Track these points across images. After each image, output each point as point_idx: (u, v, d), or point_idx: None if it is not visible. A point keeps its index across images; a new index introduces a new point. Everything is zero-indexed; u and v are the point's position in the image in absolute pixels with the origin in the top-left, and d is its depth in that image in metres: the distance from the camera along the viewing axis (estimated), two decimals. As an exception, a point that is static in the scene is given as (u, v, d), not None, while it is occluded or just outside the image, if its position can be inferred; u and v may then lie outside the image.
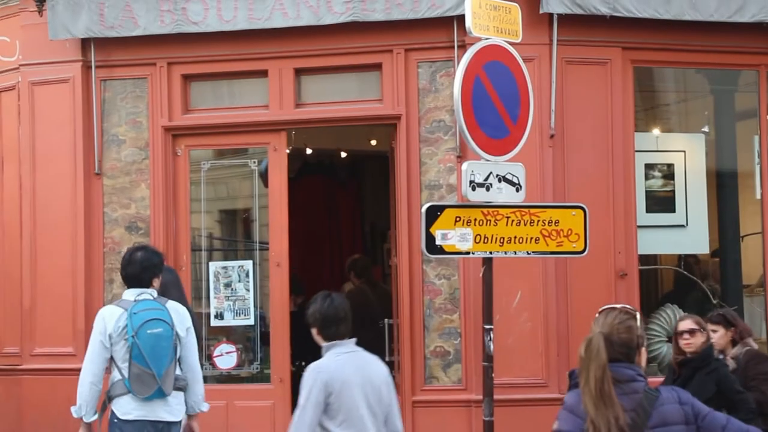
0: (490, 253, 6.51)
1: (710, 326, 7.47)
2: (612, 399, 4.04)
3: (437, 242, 6.36)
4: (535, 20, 8.34)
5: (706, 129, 9.84)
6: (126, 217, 9.04)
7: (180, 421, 6.80)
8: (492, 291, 6.59)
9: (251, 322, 9.02)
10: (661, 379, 8.87)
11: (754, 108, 9.33)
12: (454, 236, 6.40)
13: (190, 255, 9.03)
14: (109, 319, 6.58)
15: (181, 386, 6.77)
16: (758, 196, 9.28)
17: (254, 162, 9.33)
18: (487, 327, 6.51)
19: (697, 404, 4.24)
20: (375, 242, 13.55)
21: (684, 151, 9.38)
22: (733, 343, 7.56)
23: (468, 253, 6.49)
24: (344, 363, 5.54)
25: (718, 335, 7.50)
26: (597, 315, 4.31)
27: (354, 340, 5.77)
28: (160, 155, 8.99)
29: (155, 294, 6.73)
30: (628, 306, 4.27)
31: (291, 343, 9.00)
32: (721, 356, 7.40)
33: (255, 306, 9.03)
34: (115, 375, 6.62)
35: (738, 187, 9.73)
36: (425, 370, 8.57)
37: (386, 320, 9.75)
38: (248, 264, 9.14)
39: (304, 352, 11.78)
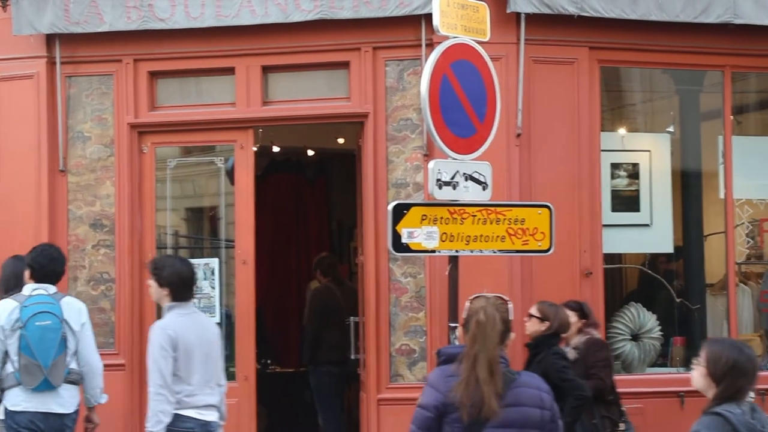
0: (456, 251, 6.52)
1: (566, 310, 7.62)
2: (499, 372, 4.50)
3: (403, 240, 6.36)
4: (503, 19, 8.37)
5: (671, 129, 9.90)
6: (91, 215, 8.99)
7: (72, 414, 7.05)
8: (458, 289, 6.60)
9: (216, 319, 8.97)
10: (624, 377, 8.96)
11: (718, 108, 9.40)
12: (420, 234, 6.40)
13: (155, 252, 8.97)
14: (3, 312, 6.94)
15: (73, 379, 7.06)
16: (722, 196, 9.36)
17: (221, 160, 9.29)
18: (453, 325, 6.52)
19: (556, 406, 4.72)
20: (342, 240, 13.55)
21: (649, 151, 9.45)
22: (579, 332, 7.68)
23: (434, 251, 6.50)
24: (186, 322, 6.47)
25: (570, 321, 7.61)
26: (471, 301, 4.81)
27: (194, 302, 6.77)
28: (126, 152, 8.94)
29: (53, 290, 7.10)
30: (501, 294, 4.77)
31: (256, 342, 8.98)
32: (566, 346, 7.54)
33: (221, 304, 9.00)
34: (8, 367, 6.89)
35: (702, 186, 9.81)
36: (391, 368, 8.58)
37: (352, 318, 9.77)
38: (214, 262, 9.11)
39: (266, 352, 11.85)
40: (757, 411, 4.72)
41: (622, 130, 9.88)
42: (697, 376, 4.73)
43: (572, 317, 7.61)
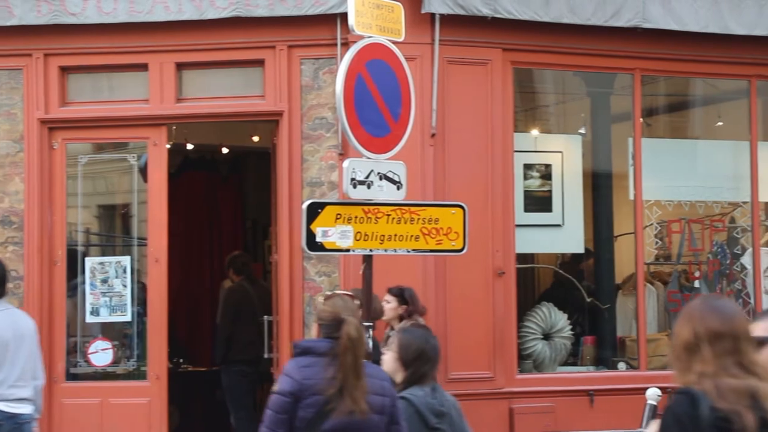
0: (371, 250, 6.54)
1: (387, 296, 7.80)
2: (364, 372, 4.98)
3: (318, 239, 6.35)
4: (418, 20, 8.40)
5: (582, 130, 10.03)
6: (-1, 211, 8.84)
7: None
8: (372, 288, 6.62)
9: (128, 318, 8.90)
10: (536, 376, 9.07)
11: (628, 111, 9.55)
12: (334, 233, 6.40)
13: (65, 250, 8.86)
14: None
15: None
16: (631, 197, 9.50)
17: (134, 157, 9.19)
18: (367, 324, 6.53)
19: (395, 392, 5.22)
20: (256, 239, 13.50)
21: (561, 152, 9.56)
22: (401, 318, 7.79)
23: (348, 250, 6.51)
24: (3, 319, 6.84)
25: (390, 306, 7.80)
26: (326, 299, 5.26)
27: (6, 298, 7.11)
28: (36, 148, 8.80)
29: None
30: (349, 292, 5.20)
31: (168, 340, 8.92)
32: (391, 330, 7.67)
33: (132, 302, 8.91)
34: None
35: (612, 188, 9.95)
36: (304, 367, 8.55)
37: (266, 317, 9.74)
38: (126, 260, 9.01)
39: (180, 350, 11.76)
40: (437, 391, 5.50)
41: (534, 131, 10.00)
42: (389, 360, 5.51)
43: (392, 303, 7.75)
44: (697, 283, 9.88)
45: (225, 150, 12.87)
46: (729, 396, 3.36)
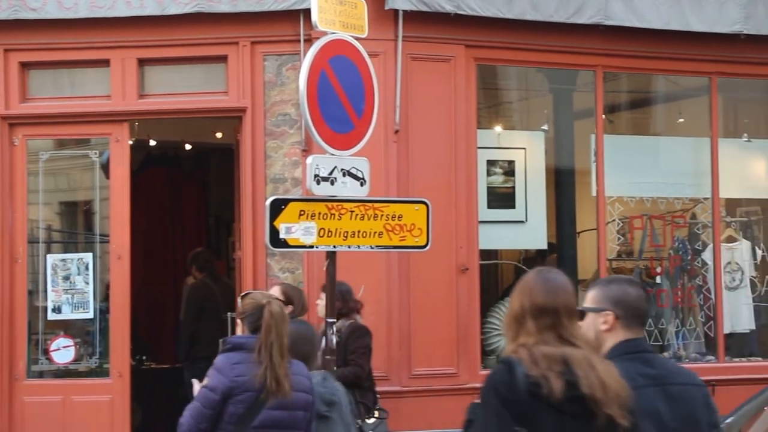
0: (334, 247, 6.53)
1: (321, 294, 7.60)
2: (287, 358, 5.11)
3: (281, 236, 6.34)
4: (381, 16, 8.41)
5: (545, 127, 10.07)
6: (-41, 208, 8.76)
7: None
8: (335, 285, 6.62)
9: (90, 315, 8.85)
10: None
11: (591, 107, 9.60)
12: (298, 230, 6.39)
13: (26, 247, 8.80)
14: None
15: None
16: (594, 193, 9.55)
17: (96, 153, 9.15)
18: (330, 321, 6.54)
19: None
20: (220, 235, 13.45)
21: (524, 149, 9.59)
22: (338, 316, 7.64)
23: (312, 246, 6.50)
24: None
25: (323, 304, 7.64)
26: (243, 297, 5.41)
27: None
28: (-4, 145, 8.74)
29: None
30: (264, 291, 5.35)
31: (131, 337, 8.88)
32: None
33: (95, 299, 8.86)
34: None
35: (575, 184, 10.01)
36: (268, 364, 8.54)
37: (229, 314, 9.70)
38: (88, 257, 8.96)
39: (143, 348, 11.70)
40: (328, 380, 5.68)
41: (498, 128, 10.03)
42: None
43: (324, 301, 7.68)
44: (658, 279, 9.95)
45: (188, 146, 12.81)
46: (541, 362, 3.53)
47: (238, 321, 5.47)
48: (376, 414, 7.61)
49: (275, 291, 7.37)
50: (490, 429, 3.56)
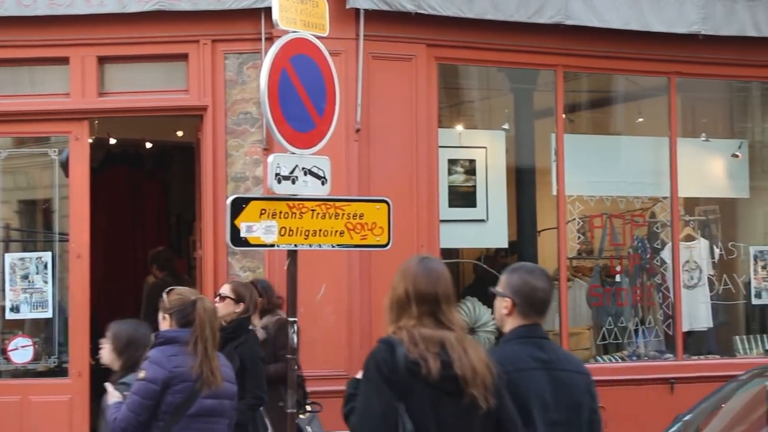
0: (295, 245, 6.52)
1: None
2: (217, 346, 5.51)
3: (242, 234, 6.32)
4: (342, 15, 8.41)
5: (506, 126, 10.12)
6: None
7: None
8: (296, 284, 6.61)
9: (49, 314, 8.79)
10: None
11: (551, 107, 9.66)
12: (259, 229, 6.38)
13: (-15, 246, 8.74)
14: None
15: None
16: (554, 192, 9.61)
17: (55, 151, 9.09)
18: (291, 320, 6.53)
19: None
20: (180, 234, 13.41)
21: (485, 148, 9.64)
22: (263, 312, 7.75)
23: (273, 245, 6.48)
24: None
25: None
26: (168, 293, 5.66)
27: None
28: (-46, 143, 8.67)
29: None
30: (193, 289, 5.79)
31: (91, 337, 8.83)
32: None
33: (54, 298, 8.81)
34: None
35: (536, 183, 10.06)
36: (229, 363, 8.52)
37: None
38: (47, 256, 8.91)
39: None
40: None
41: (459, 127, 10.06)
42: (105, 353, 5.88)
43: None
44: (618, 278, 10.02)
45: (149, 145, 12.76)
46: (420, 344, 3.84)
47: (165, 316, 5.64)
48: (308, 408, 7.59)
49: (225, 289, 7.38)
50: (371, 403, 3.84)
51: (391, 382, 3.81)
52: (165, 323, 5.63)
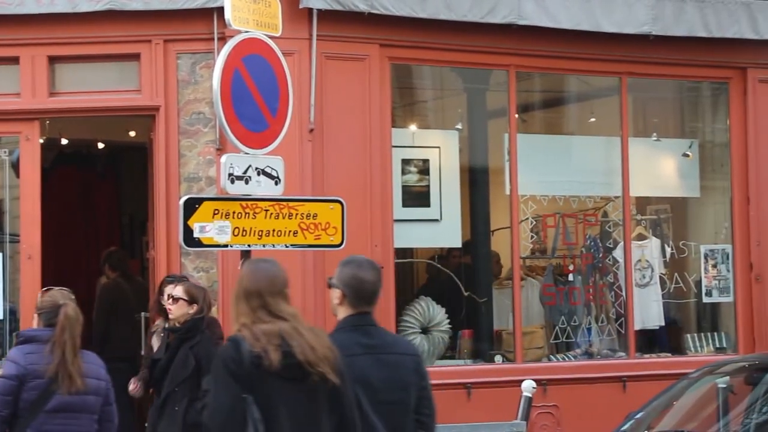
0: (249, 246, 6.52)
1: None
2: (79, 354, 5.68)
3: (195, 235, 6.32)
4: (295, 15, 8.40)
5: (459, 126, 10.14)
6: None
7: None
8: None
9: (0, 316, 8.71)
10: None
11: (504, 107, 9.71)
12: (212, 229, 6.38)
13: (-67, 247, 8.64)
14: None
15: None
16: (507, 192, 9.65)
17: (5, 152, 9.01)
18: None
19: (109, 377, 5.95)
20: (133, 234, 13.32)
21: (439, 147, 9.67)
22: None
23: (226, 245, 6.49)
24: None
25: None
26: (43, 293, 5.90)
27: None
28: None
29: None
30: (64, 289, 5.90)
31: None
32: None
33: (5, 299, 8.73)
34: None
35: (489, 183, 10.09)
36: (182, 364, 8.48)
37: (142, 313, 9.62)
38: (-2, 257, 8.83)
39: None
40: None
41: (412, 127, 10.08)
42: None
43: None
44: (571, 277, 10.09)
45: (101, 145, 12.67)
46: (261, 338, 4.14)
47: (36, 315, 5.85)
48: None
49: (179, 290, 7.35)
50: (220, 398, 4.10)
51: (237, 377, 4.08)
52: (35, 322, 5.84)
